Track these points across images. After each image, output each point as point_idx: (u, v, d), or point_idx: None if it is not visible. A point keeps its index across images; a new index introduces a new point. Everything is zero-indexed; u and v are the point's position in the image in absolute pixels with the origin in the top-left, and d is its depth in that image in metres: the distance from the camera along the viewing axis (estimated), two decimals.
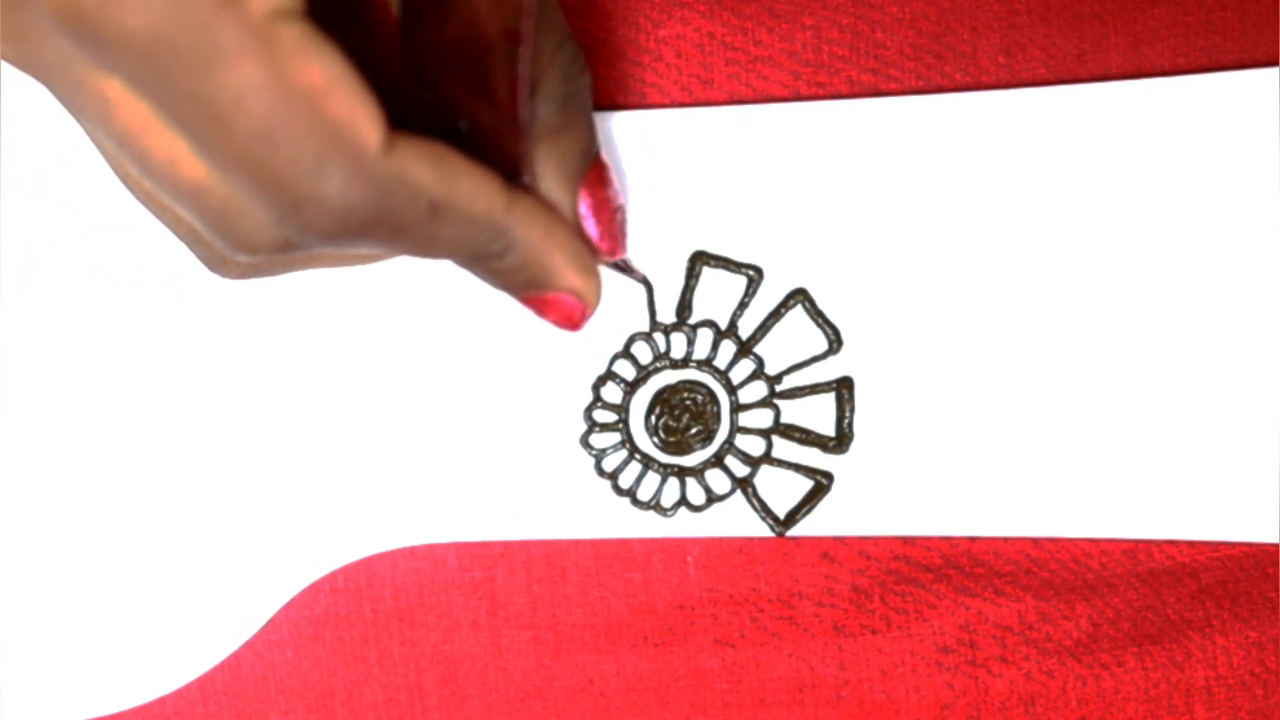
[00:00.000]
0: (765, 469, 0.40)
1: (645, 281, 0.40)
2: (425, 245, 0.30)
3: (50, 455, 0.40)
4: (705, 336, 0.40)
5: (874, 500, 0.40)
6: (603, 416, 0.41)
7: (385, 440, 0.40)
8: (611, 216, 0.35)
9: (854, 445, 0.40)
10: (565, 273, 0.33)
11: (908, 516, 0.40)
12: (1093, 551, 0.41)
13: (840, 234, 0.40)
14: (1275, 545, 0.40)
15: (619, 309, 0.40)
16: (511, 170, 0.31)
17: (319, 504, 0.41)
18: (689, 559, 0.41)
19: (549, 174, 0.34)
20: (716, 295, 0.40)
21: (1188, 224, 0.39)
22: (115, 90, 0.28)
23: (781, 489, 0.40)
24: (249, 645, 0.41)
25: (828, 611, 0.41)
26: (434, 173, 0.29)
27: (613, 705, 0.42)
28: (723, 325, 0.40)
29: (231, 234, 0.30)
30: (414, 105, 0.32)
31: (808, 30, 0.40)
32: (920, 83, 0.40)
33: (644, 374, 0.41)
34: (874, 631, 0.41)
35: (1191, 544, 0.41)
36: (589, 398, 0.41)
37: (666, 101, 0.40)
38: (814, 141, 0.40)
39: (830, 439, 0.40)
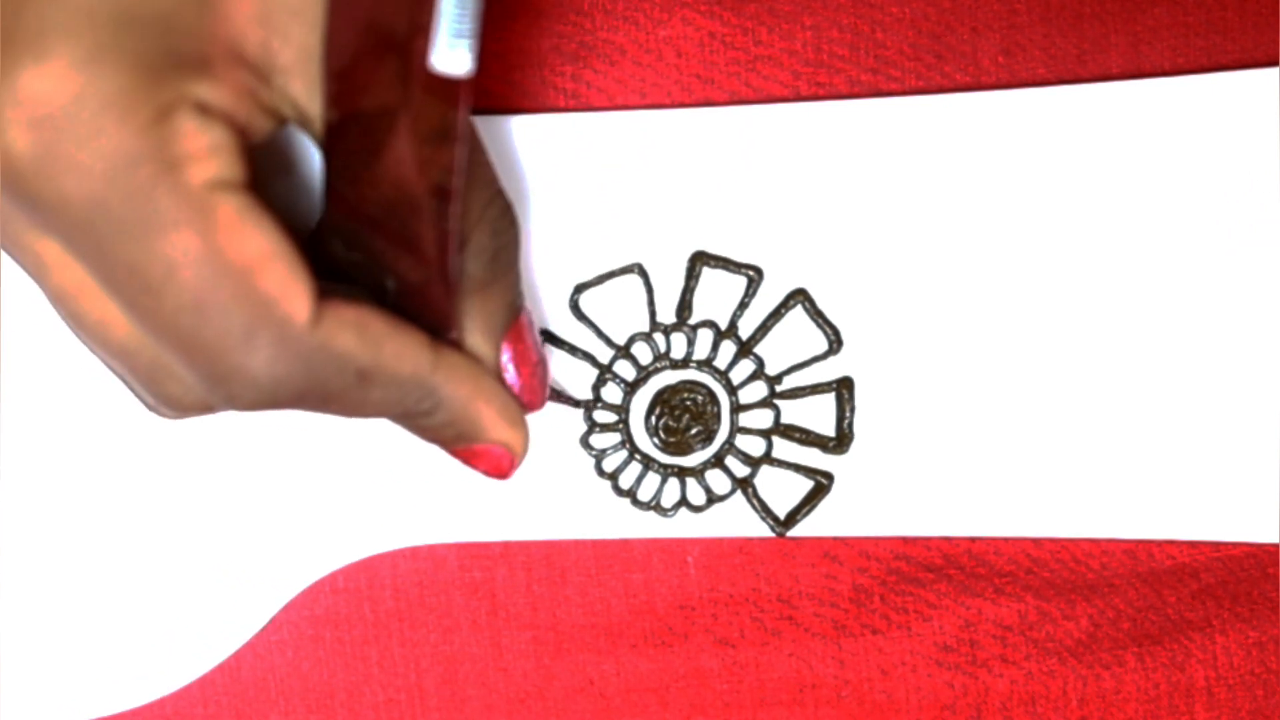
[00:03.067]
0: (765, 469, 0.40)
1: (578, 403, 0.40)
2: (355, 409, 0.31)
3: (52, 456, 0.40)
4: (705, 337, 0.40)
5: (874, 500, 0.40)
6: (603, 417, 0.41)
7: (385, 441, 0.40)
8: (532, 370, 0.35)
9: (854, 445, 0.40)
10: (494, 426, 0.33)
11: (908, 516, 0.40)
12: (1093, 551, 0.41)
13: (840, 234, 0.40)
14: (1275, 545, 0.40)
15: (619, 309, 0.40)
16: (439, 326, 0.32)
17: (319, 505, 0.40)
18: (689, 559, 0.41)
19: (475, 328, 0.34)
20: (716, 295, 0.40)
21: (1188, 224, 0.40)
22: (51, 252, 0.28)
23: (782, 489, 0.40)
24: (249, 646, 0.41)
25: (829, 611, 0.41)
26: (360, 340, 0.29)
27: (613, 705, 0.42)
28: (723, 325, 0.40)
29: (159, 394, 0.31)
30: (341, 263, 0.32)
31: (808, 30, 0.40)
32: (920, 83, 0.40)
33: (644, 374, 0.41)
34: (875, 631, 0.41)
35: (1191, 544, 0.41)
36: (589, 397, 0.41)
37: (667, 101, 0.40)
38: (814, 141, 0.40)
39: (830, 439, 0.40)
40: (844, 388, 0.40)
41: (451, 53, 0.27)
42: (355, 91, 0.29)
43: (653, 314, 0.40)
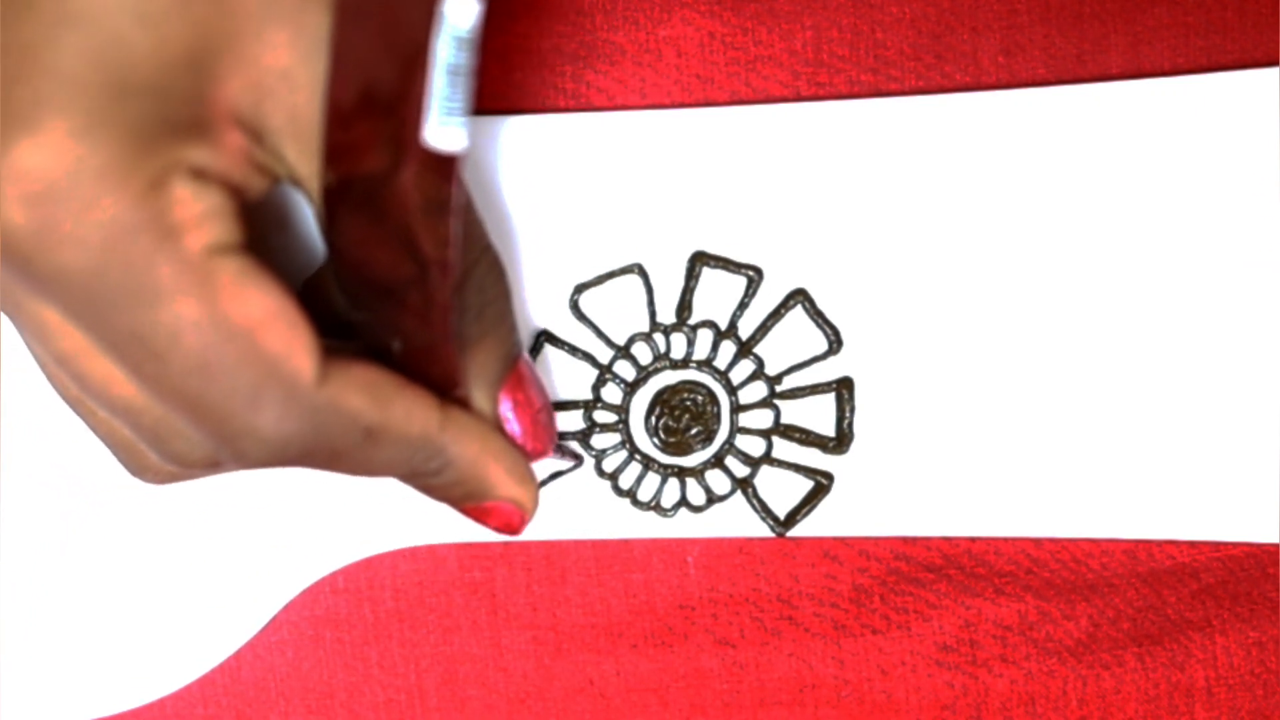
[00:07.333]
0: (765, 469, 0.40)
1: (580, 458, 0.40)
2: (362, 467, 0.31)
3: (52, 455, 0.40)
4: (705, 337, 0.40)
5: (874, 500, 0.40)
6: (603, 417, 0.41)
7: None
8: (534, 417, 0.35)
9: (854, 445, 0.40)
10: (502, 483, 0.34)
11: (908, 516, 0.40)
12: (1093, 551, 0.41)
13: (840, 234, 0.40)
14: (1275, 545, 0.40)
15: (619, 309, 0.40)
16: (445, 386, 0.32)
17: (319, 505, 0.40)
18: (689, 559, 0.41)
19: (470, 383, 0.34)
20: (716, 295, 0.40)
21: (1187, 224, 0.40)
22: (53, 317, 0.28)
23: (781, 489, 0.40)
24: (249, 646, 0.41)
25: (829, 611, 0.41)
26: (368, 399, 0.30)
27: (613, 705, 0.42)
28: (723, 325, 0.40)
29: (165, 450, 0.31)
30: (346, 321, 0.32)
31: (808, 30, 0.40)
32: (920, 83, 0.40)
33: (644, 374, 0.41)
34: (875, 631, 0.41)
35: (1191, 544, 0.41)
36: (589, 398, 0.41)
37: (667, 101, 0.40)
38: (814, 141, 0.40)
39: (830, 439, 0.40)
40: (844, 388, 0.40)
41: (444, 130, 0.26)
42: (352, 157, 0.28)
43: (653, 314, 0.40)
